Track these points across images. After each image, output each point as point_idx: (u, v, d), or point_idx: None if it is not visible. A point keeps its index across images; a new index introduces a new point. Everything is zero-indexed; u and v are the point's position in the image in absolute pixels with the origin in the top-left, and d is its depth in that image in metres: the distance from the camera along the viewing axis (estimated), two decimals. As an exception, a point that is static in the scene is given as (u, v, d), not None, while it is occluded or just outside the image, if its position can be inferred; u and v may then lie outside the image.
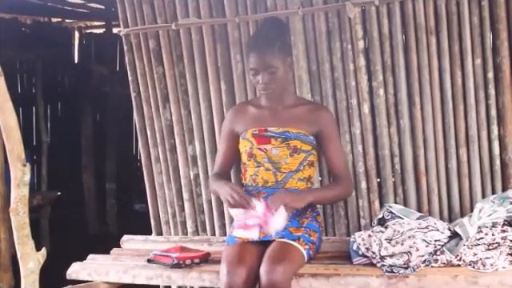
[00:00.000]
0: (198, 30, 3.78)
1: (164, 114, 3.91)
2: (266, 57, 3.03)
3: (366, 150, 3.59)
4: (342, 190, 3.21)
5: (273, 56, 3.03)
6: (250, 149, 3.15)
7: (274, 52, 3.04)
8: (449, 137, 3.48)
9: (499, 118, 3.42)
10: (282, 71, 3.08)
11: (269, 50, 3.03)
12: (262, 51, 3.04)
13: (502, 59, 3.37)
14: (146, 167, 4.04)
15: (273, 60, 3.03)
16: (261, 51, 3.04)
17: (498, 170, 3.44)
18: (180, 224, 3.98)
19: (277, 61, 3.04)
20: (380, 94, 3.54)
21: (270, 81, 3.05)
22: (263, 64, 3.03)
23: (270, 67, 3.04)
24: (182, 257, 3.14)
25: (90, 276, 3.27)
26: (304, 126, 3.14)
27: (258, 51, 3.04)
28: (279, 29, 3.19)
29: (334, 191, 3.20)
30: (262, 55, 3.03)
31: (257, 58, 3.04)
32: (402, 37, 3.51)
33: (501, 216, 3.00)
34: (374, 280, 2.83)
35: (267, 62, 3.03)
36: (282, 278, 2.73)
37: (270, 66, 3.03)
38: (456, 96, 3.45)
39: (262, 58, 3.03)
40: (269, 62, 3.03)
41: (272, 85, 3.07)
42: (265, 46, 3.04)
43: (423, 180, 3.53)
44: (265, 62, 3.03)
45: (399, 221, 3.12)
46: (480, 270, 2.78)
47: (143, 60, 3.92)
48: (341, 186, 3.20)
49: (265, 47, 3.04)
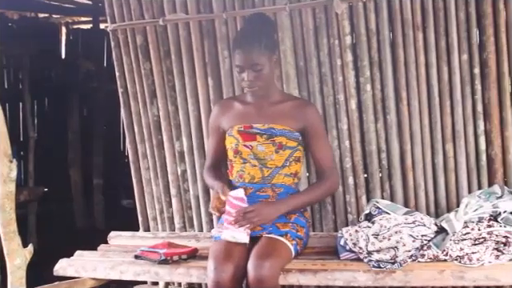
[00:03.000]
0: (185, 25, 3.77)
1: (151, 109, 3.91)
2: (251, 54, 3.01)
3: (353, 145, 3.60)
4: (325, 188, 3.19)
5: (258, 54, 3.02)
6: (235, 145, 3.15)
7: (260, 50, 3.02)
8: (435, 132, 3.49)
9: (485, 113, 3.43)
10: (268, 69, 3.06)
11: (254, 47, 3.02)
12: (247, 48, 3.02)
13: (488, 55, 3.39)
14: (133, 163, 4.03)
15: (258, 58, 3.02)
16: (246, 48, 3.02)
17: (484, 165, 3.46)
18: (167, 220, 3.98)
19: (262, 58, 3.03)
20: (367, 90, 3.55)
21: (255, 78, 3.04)
22: (249, 62, 3.02)
23: (255, 65, 3.02)
24: (170, 253, 3.14)
25: (78, 272, 3.26)
26: (289, 123, 3.14)
27: (243, 48, 3.03)
28: (265, 25, 3.17)
29: (316, 193, 3.18)
30: (247, 53, 3.02)
31: (242, 55, 3.03)
32: (388, 32, 3.52)
33: (487, 211, 3.02)
34: (361, 275, 2.83)
35: (253, 60, 3.01)
36: (269, 274, 2.73)
37: (256, 64, 3.02)
38: (442, 91, 3.47)
39: (248, 56, 3.02)
40: (254, 59, 3.02)
41: (257, 82, 3.06)
42: (250, 44, 3.02)
43: (410, 175, 3.54)
44: (250, 59, 3.02)
45: (386, 216, 3.13)
46: (466, 265, 2.79)
47: (130, 56, 3.91)
48: (324, 185, 3.17)
49: (250, 45, 3.02)
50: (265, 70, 3.04)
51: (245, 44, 3.03)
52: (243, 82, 3.08)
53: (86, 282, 3.26)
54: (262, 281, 2.72)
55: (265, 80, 3.07)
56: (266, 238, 2.93)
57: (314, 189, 3.20)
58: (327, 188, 3.20)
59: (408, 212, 3.18)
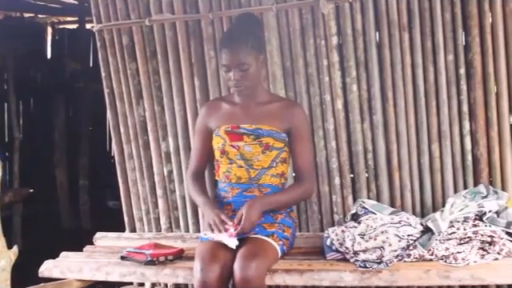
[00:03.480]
0: (171, 25, 3.77)
1: (137, 110, 3.90)
2: (238, 54, 3.01)
3: (340, 145, 3.60)
4: (301, 192, 3.18)
5: (245, 53, 3.02)
6: (222, 145, 3.14)
7: (247, 49, 3.02)
8: (421, 132, 3.51)
9: (471, 113, 3.45)
10: (255, 69, 3.06)
11: (241, 47, 3.02)
12: (234, 48, 3.02)
13: (474, 55, 3.40)
14: (119, 164, 4.01)
15: (245, 57, 3.02)
16: (233, 48, 3.02)
17: (470, 165, 3.48)
18: (154, 221, 3.96)
19: (249, 58, 3.03)
20: (353, 90, 3.55)
21: (242, 78, 3.04)
22: (235, 61, 3.02)
23: (242, 64, 3.02)
24: (156, 253, 3.13)
25: (63, 273, 3.24)
26: (276, 123, 3.14)
27: (230, 48, 3.03)
28: (253, 25, 3.17)
29: (292, 195, 3.17)
30: (234, 52, 3.02)
31: (229, 54, 3.03)
32: (375, 33, 3.53)
33: (472, 211, 3.03)
34: (347, 275, 2.84)
35: (239, 59, 3.01)
36: (255, 274, 2.73)
37: (242, 64, 3.02)
38: (428, 92, 3.48)
39: (235, 55, 3.01)
40: (241, 59, 3.01)
41: (244, 82, 3.05)
42: (237, 43, 3.02)
43: (396, 175, 3.55)
44: (237, 59, 3.01)
45: (372, 216, 3.13)
46: (452, 265, 2.81)
47: (116, 56, 3.89)
48: (301, 189, 3.17)
49: (237, 44, 3.02)
50: (251, 70, 3.04)
51: (232, 43, 3.03)
52: (230, 81, 3.07)
53: (72, 284, 3.25)
54: (249, 281, 2.72)
55: (251, 80, 3.07)
56: (252, 239, 2.93)
57: (295, 189, 3.19)
58: (302, 192, 3.18)
59: (394, 212, 3.19)
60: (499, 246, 2.85)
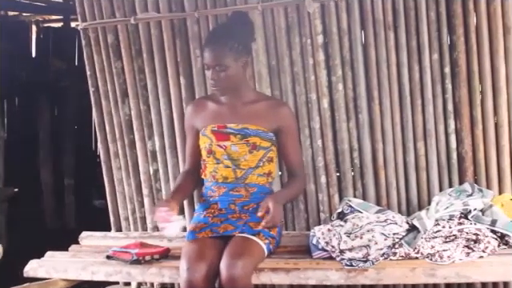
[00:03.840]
0: (157, 24, 3.76)
1: (123, 109, 3.88)
2: (216, 54, 3.02)
3: (326, 144, 3.61)
4: (300, 185, 3.32)
5: (223, 55, 3.02)
6: (209, 145, 3.14)
7: (225, 51, 3.02)
8: (407, 131, 3.52)
9: (456, 112, 3.47)
10: (233, 71, 3.05)
11: (220, 48, 3.02)
12: (214, 48, 3.03)
13: (459, 54, 3.42)
14: (104, 163, 4.00)
15: (223, 59, 3.02)
16: (213, 48, 3.03)
17: (455, 164, 3.50)
18: (140, 220, 3.95)
19: (227, 60, 3.02)
20: (339, 89, 3.56)
21: (219, 78, 3.04)
22: (214, 61, 3.03)
23: (219, 65, 3.02)
24: (142, 253, 3.12)
25: (48, 273, 3.23)
26: (263, 123, 3.14)
27: (210, 48, 3.04)
28: (240, 26, 3.17)
29: (295, 189, 3.28)
30: (213, 52, 3.03)
31: (208, 54, 3.04)
32: (360, 32, 3.54)
33: (457, 209, 3.05)
34: (333, 273, 2.84)
35: (217, 60, 3.02)
36: (242, 273, 2.73)
37: (220, 64, 3.02)
38: (414, 90, 3.49)
39: (213, 55, 3.02)
40: (219, 60, 3.02)
41: (221, 82, 3.05)
42: (217, 44, 3.03)
43: (382, 174, 3.56)
44: (215, 59, 3.02)
45: (358, 215, 3.14)
46: (437, 263, 2.82)
47: (101, 54, 3.88)
48: (298, 184, 3.27)
49: (217, 45, 3.03)
50: (229, 72, 3.04)
51: (212, 43, 3.05)
52: (210, 80, 3.08)
53: (57, 283, 3.23)
54: (235, 280, 2.72)
55: (229, 81, 3.07)
56: (238, 238, 2.93)
57: (292, 185, 3.25)
58: (301, 185, 3.31)
59: (380, 210, 3.20)
60: (484, 243, 2.87)
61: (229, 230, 2.98)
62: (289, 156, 3.23)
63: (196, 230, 3.03)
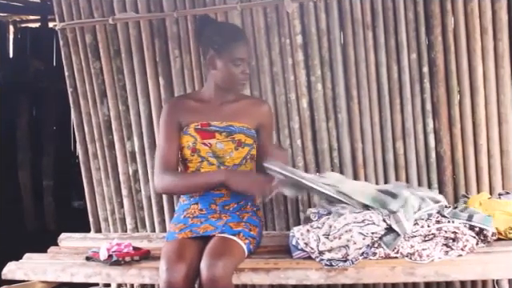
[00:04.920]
0: (135, 24, 3.75)
1: (101, 109, 3.87)
2: (249, 47, 3.13)
3: (305, 144, 3.62)
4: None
5: (251, 48, 3.18)
6: (193, 144, 3.12)
7: (250, 45, 3.19)
8: (386, 130, 3.54)
9: (434, 111, 3.49)
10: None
11: (248, 42, 3.15)
12: (246, 41, 3.13)
13: (437, 54, 3.44)
14: (83, 164, 3.98)
15: (251, 52, 3.19)
16: (246, 41, 3.13)
17: (434, 162, 3.52)
18: (119, 221, 3.95)
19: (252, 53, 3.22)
20: (318, 89, 3.57)
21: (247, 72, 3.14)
22: (249, 53, 3.11)
23: (251, 57, 3.17)
24: (122, 254, 3.10)
25: (27, 275, 3.19)
26: (247, 120, 3.16)
27: (244, 41, 3.11)
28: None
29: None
30: (247, 45, 3.12)
31: (245, 47, 3.09)
32: (339, 32, 3.55)
33: (434, 207, 3.06)
34: (313, 273, 2.84)
35: (251, 52, 3.16)
36: (222, 273, 2.72)
37: (251, 56, 3.17)
38: (392, 90, 3.51)
39: (248, 48, 3.12)
40: (251, 52, 3.17)
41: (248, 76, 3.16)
42: (246, 38, 3.15)
43: (361, 172, 3.58)
44: (250, 51, 3.12)
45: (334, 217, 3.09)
46: (417, 261, 2.82)
47: (80, 55, 3.86)
48: None
49: (246, 39, 3.14)
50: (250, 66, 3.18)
51: (243, 37, 3.14)
52: (241, 74, 3.09)
53: (36, 286, 3.20)
54: (216, 280, 2.71)
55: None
56: (218, 238, 2.92)
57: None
58: None
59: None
60: (462, 242, 2.88)
61: (209, 231, 2.97)
62: (267, 151, 3.22)
63: (176, 231, 3.02)
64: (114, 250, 3.11)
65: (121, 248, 3.13)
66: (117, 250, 3.12)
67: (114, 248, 3.12)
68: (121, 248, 3.13)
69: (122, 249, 3.13)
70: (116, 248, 3.13)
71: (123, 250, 3.13)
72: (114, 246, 3.14)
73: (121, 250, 3.11)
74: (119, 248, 3.13)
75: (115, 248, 3.12)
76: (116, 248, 3.13)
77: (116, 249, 3.12)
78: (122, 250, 3.13)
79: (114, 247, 3.13)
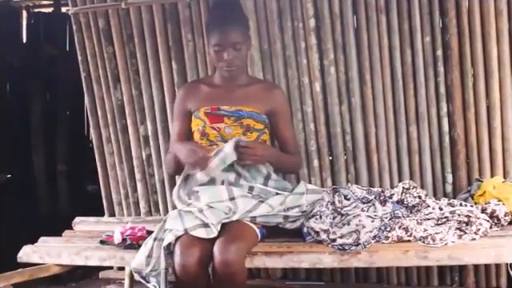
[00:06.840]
0: (148, 8, 3.74)
1: (115, 94, 3.87)
2: (232, 33, 3.03)
3: (318, 128, 3.61)
4: (296, 161, 3.29)
5: (239, 32, 3.05)
6: (202, 127, 3.13)
7: (240, 28, 3.07)
8: (399, 114, 3.53)
9: (448, 95, 3.47)
10: (245, 49, 3.11)
11: (235, 25, 3.05)
12: (228, 27, 3.04)
13: (451, 37, 3.42)
14: (97, 148, 4.00)
15: (239, 36, 3.05)
16: (228, 27, 3.04)
17: (447, 147, 3.51)
18: (133, 205, 3.96)
19: (243, 37, 3.07)
20: (331, 73, 3.56)
21: (235, 58, 3.05)
22: (230, 40, 3.03)
23: (235, 43, 3.04)
24: (135, 237, 3.12)
25: (42, 259, 3.22)
26: (257, 105, 3.14)
27: (224, 27, 3.04)
28: (238, 6, 3.20)
29: (291, 159, 3.23)
30: (228, 31, 3.03)
31: (223, 34, 3.03)
32: (352, 15, 3.53)
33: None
34: (326, 257, 2.84)
35: (234, 38, 3.03)
36: (235, 257, 2.73)
37: (236, 43, 3.04)
38: (406, 74, 3.49)
39: (229, 34, 3.03)
40: (235, 38, 3.03)
41: (236, 62, 3.07)
42: (231, 22, 3.05)
43: (374, 157, 3.57)
44: (231, 38, 3.03)
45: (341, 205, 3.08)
46: (430, 245, 2.82)
47: (93, 39, 3.86)
48: (294, 157, 3.25)
49: (231, 23, 3.05)
50: (243, 50, 3.08)
51: (225, 22, 3.05)
52: (221, 61, 3.06)
53: (51, 269, 3.23)
54: (229, 264, 2.72)
55: (242, 60, 3.12)
56: (232, 223, 2.92)
57: (291, 156, 3.24)
58: (297, 161, 3.30)
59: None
60: (476, 225, 2.88)
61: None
62: (283, 137, 3.22)
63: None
64: (128, 233, 3.13)
65: (135, 232, 3.15)
66: (131, 233, 3.13)
67: (127, 232, 3.14)
68: (135, 232, 3.15)
69: (135, 232, 3.14)
70: (130, 232, 3.14)
71: (137, 233, 3.14)
72: (128, 230, 3.15)
73: (135, 234, 3.13)
74: (133, 232, 3.15)
75: (129, 232, 3.14)
76: (130, 232, 3.14)
77: (130, 232, 3.13)
78: (136, 233, 3.14)
79: (128, 231, 3.15)
